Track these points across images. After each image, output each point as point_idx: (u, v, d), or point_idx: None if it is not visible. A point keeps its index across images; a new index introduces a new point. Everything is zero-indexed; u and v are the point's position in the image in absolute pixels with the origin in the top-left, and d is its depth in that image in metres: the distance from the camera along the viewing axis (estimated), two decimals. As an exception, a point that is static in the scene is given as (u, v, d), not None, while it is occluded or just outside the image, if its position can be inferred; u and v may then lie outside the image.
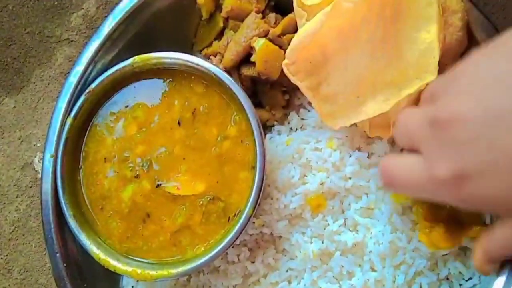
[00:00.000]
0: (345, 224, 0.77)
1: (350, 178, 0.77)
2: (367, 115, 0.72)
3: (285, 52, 0.76)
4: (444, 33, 0.72)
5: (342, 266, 0.75)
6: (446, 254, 0.74)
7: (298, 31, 0.75)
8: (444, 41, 0.73)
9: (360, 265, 0.76)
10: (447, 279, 0.75)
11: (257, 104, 0.85)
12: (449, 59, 0.75)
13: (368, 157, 0.78)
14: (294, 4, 0.77)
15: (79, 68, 0.85)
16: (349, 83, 0.74)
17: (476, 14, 0.73)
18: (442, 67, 0.74)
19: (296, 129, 0.84)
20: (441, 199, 0.59)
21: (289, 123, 0.85)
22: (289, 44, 0.76)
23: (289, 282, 0.77)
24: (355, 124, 0.76)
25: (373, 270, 0.75)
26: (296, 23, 0.78)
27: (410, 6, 0.70)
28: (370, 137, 0.78)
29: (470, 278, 0.75)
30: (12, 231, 0.99)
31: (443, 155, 0.54)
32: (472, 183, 0.52)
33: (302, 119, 0.84)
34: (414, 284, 0.75)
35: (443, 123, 0.53)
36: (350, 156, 0.77)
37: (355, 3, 0.70)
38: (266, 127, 0.86)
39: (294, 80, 0.75)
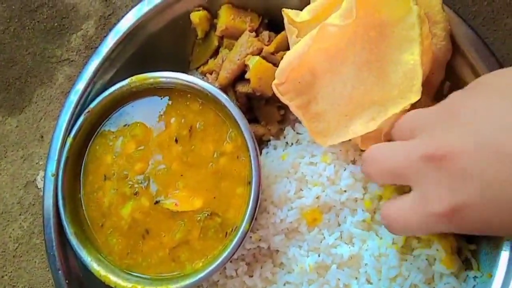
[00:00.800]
0: (341, 237, 0.78)
1: (345, 191, 0.78)
2: (355, 134, 0.75)
3: (279, 69, 0.78)
4: (427, 56, 0.74)
5: (339, 279, 0.76)
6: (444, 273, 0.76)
7: (287, 53, 0.77)
8: (427, 62, 0.75)
9: (356, 278, 0.76)
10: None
11: (253, 119, 0.87)
12: (434, 68, 0.77)
13: (362, 170, 0.79)
14: (285, 21, 0.79)
15: (79, 87, 0.87)
16: (337, 102, 0.76)
17: (464, 29, 0.75)
18: (428, 77, 0.76)
19: (292, 144, 0.85)
20: (438, 231, 0.62)
21: (284, 137, 0.86)
22: (282, 61, 0.78)
23: (287, 296, 0.78)
24: (347, 137, 0.78)
25: (369, 282, 0.76)
26: (289, 40, 0.80)
27: (394, 29, 0.72)
28: (363, 150, 0.79)
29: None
30: (16, 248, 1.01)
31: (440, 190, 0.55)
32: (468, 215, 0.54)
33: (298, 133, 0.85)
34: (409, 296, 0.75)
35: (439, 160, 0.55)
36: (345, 170, 0.79)
37: (340, 27, 0.72)
38: (262, 142, 0.88)
39: (283, 99, 0.77)
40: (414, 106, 0.72)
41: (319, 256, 0.77)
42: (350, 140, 0.79)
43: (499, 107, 0.53)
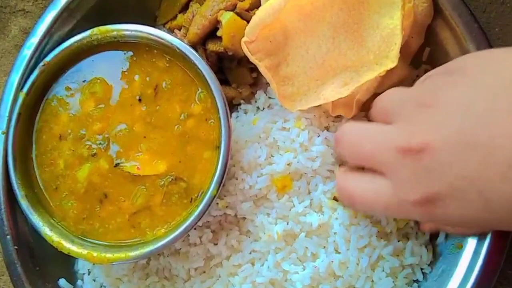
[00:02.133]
0: (311, 205, 0.75)
1: (317, 157, 0.75)
2: (326, 100, 0.72)
3: (252, 27, 0.74)
4: (407, 19, 0.72)
5: (307, 248, 0.74)
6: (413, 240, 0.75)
7: (260, 8, 0.73)
8: (407, 26, 0.72)
9: (324, 247, 0.74)
10: (411, 265, 0.75)
11: (223, 81, 0.82)
12: (413, 32, 0.74)
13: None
14: None
15: (34, 40, 0.80)
16: (309, 65, 0.73)
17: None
18: (407, 41, 0.74)
19: (263, 108, 0.81)
20: (409, 218, 0.64)
21: (256, 101, 0.82)
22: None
23: (252, 264, 0.75)
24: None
25: (337, 252, 0.74)
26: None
27: None
28: (337, 116, 0.76)
29: (432, 265, 0.76)
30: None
31: (414, 181, 0.56)
32: (441, 206, 0.55)
33: (270, 97, 0.81)
34: (377, 267, 0.74)
35: (415, 152, 0.55)
36: (318, 136, 0.76)
37: None
38: (232, 106, 0.83)
39: (253, 59, 0.73)
40: (390, 71, 0.69)
41: (287, 224, 0.74)
42: (320, 105, 0.76)
43: (478, 98, 0.54)
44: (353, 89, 0.70)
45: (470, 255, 0.69)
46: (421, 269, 0.76)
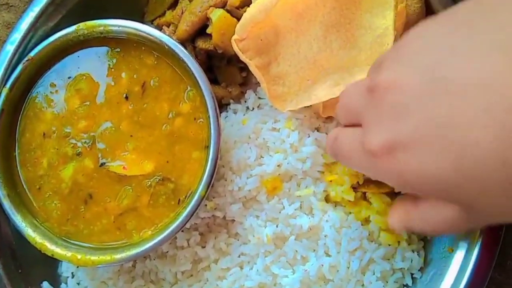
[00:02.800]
0: (301, 207, 0.74)
1: (308, 158, 0.73)
2: (317, 100, 0.71)
3: (243, 25, 0.72)
4: (400, 20, 0.71)
5: (296, 251, 0.72)
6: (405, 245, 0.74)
7: (251, 5, 0.72)
8: (399, 27, 0.72)
9: (314, 250, 0.73)
10: (401, 269, 0.74)
11: (212, 80, 0.80)
12: (406, 31, 0.73)
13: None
14: None
15: (18, 35, 0.77)
16: (300, 65, 0.72)
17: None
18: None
19: (253, 108, 0.80)
20: (379, 177, 0.53)
21: (245, 101, 0.80)
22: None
23: (241, 268, 0.74)
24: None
25: (328, 255, 0.72)
26: (256, -6, 0.74)
27: None
28: (328, 117, 0.75)
29: (422, 270, 0.75)
30: None
31: (378, 124, 0.49)
32: (402, 155, 0.47)
33: (260, 98, 0.80)
34: (367, 271, 0.73)
35: (382, 90, 0.49)
36: (309, 136, 0.74)
37: None
38: (221, 105, 0.81)
39: (243, 57, 0.72)
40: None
41: (277, 226, 0.73)
42: (310, 106, 0.75)
43: (451, 35, 0.46)
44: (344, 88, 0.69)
45: (461, 260, 0.69)
46: (411, 274, 0.75)
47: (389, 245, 0.73)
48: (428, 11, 0.73)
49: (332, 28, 0.71)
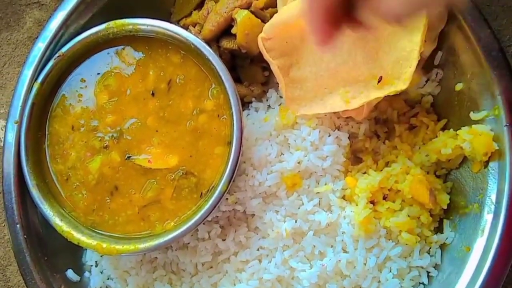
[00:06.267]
0: (319, 204, 0.75)
1: (328, 156, 0.75)
2: (332, 109, 0.72)
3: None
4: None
5: (314, 246, 0.74)
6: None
7: (284, 7, 0.73)
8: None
9: (332, 246, 0.75)
10: (418, 267, 0.75)
11: (236, 79, 0.82)
12: (427, 37, 0.74)
13: (348, 137, 0.77)
14: None
15: (49, 33, 0.80)
16: (320, 73, 0.73)
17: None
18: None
19: (275, 107, 0.82)
20: None
21: (267, 100, 0.82)
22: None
23: (260, 261, 0.75)
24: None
25: (345, 251, 0.74)
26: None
27: None
28: (348, 117, 0.77)
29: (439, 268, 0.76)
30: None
31: None
32: None
33: (281, 96, 0.82)
34: (384, 268, 0.74)
35: None
36: (329, 135, 0.76)
37: None
38: (243, 104, 0.84)
39: (266, 56, 0.74)
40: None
41: (296, 222, 0.74)
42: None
43: None
44: (361, 103, 0.70)
45: (478, 259, 0.69)
46: (428, 272, 0.76)
47: (407, 244, 0.74)
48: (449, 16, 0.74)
49: (358, 42, 0.72)
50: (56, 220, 0.75)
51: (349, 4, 0.53)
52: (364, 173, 0.77)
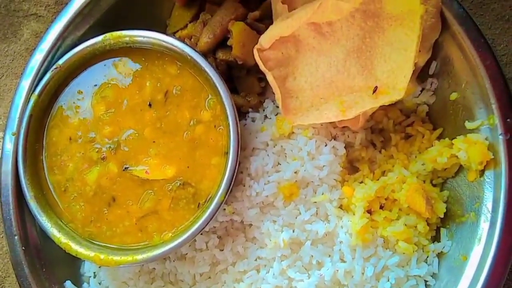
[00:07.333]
0: (317, 213, 0.76)
1: (325, 166, 0.76)
2: (327, 119, 0.73)
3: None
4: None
5: (312, 256, 0.74)
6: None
7: (280, 19, 0.74)
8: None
9: (330, 255, 0.75)
10: (415, 276, 0.75)
11: (232, 90, 0.83)
12: (422, 47, 0.75)
13: (344, 147, 0.77)
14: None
15: (46, 45, 0.81)
16: (316, 83, 0.74)
17: (456, 7, 0.73)
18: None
19: (271, 117, 0.82)
20: None
21: (264, 110, 0.83)
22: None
23: (258, 271, 0.76)
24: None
25: (343, 261, 0.74)
26: (276, 8, 0.77)
27: (392, 24, 0.71)
28: (344, 127, 0.77)
29: (436, 277, 0.76)
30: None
31: None
32: None
33: (278, 107, 0.82)
34: (382, 277, 0.74)
35: None
36: (326, 145, 0.76)
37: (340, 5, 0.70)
38: (240, 114, 0.84)
39: (262, 67, 0.74)
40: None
41: (293, 231, 0.74)
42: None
43: None
44: (356, 113, 0.71)
45: (475, 268, 0.69)
46: (425, 281, 0.76)
47: (404, 253, 0.74)
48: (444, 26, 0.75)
49: (353, 53, 0.73)
50: (54, 232, 0.76)
51: None
52: (361, 182, 0.77)
